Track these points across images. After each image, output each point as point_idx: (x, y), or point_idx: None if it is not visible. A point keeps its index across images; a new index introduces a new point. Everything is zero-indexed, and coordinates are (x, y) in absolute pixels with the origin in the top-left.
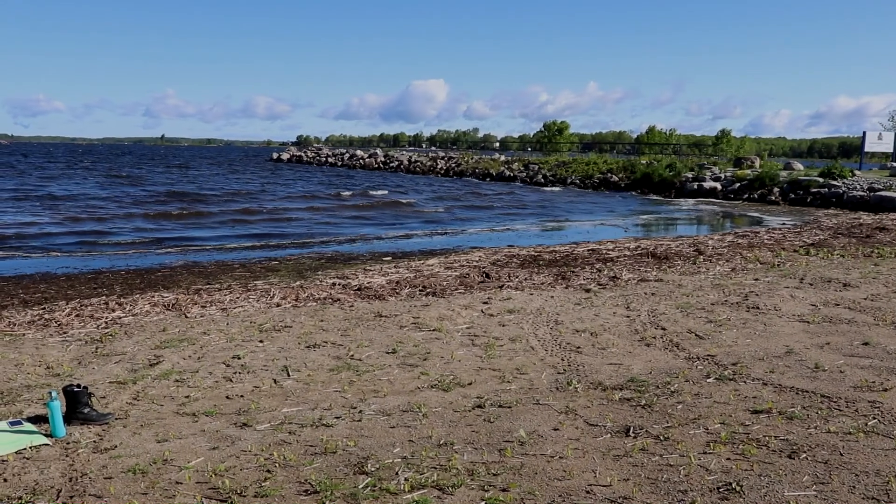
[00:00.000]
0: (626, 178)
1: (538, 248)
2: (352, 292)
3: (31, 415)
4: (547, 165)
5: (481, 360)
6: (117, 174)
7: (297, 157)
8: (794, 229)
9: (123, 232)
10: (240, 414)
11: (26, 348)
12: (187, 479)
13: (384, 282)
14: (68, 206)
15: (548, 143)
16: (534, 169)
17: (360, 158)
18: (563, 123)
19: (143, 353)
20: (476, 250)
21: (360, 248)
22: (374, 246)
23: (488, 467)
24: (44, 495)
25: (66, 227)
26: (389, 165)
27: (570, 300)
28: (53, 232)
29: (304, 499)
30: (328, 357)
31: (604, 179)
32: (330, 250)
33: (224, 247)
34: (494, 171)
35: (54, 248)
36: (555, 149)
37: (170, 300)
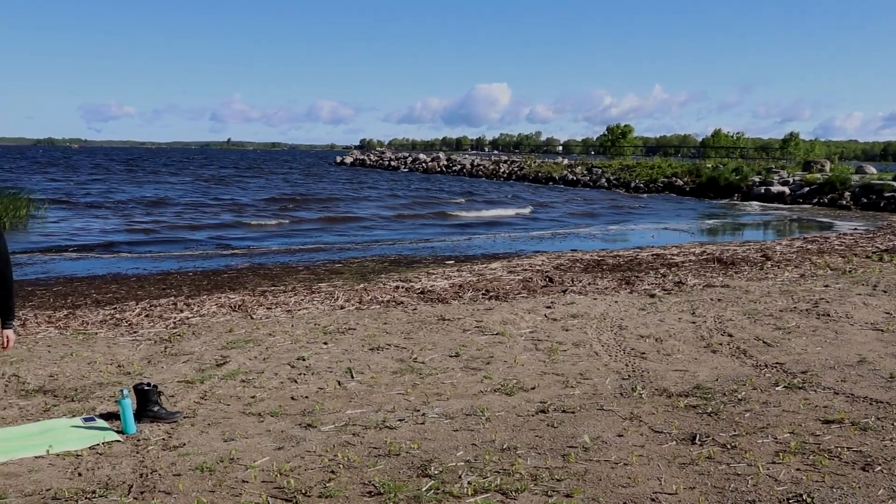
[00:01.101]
0: (691, 182)
1: (601, 253)
2: (415, 295)
3: (103, 412)
4: (610, 169)
5: (545, 365)
6: (221, 180)
7: (360, 161)
8: (867, 234)
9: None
10: (304, 415)
11: (99, 347)
12: (253, 478)
13: (447, 285)
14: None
15: (611, 147)
16: (597, 173)
17: (422, 162)
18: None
19: (210, 354)
20: (539, 254)
21: (422, 251)
22: (437, 249)
23: (552, 472)
24: (116, 490)
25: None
26: (452, 169)
27: (635, 305)
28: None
29: (367, 500)
30: (392, 359)
31: (668, 183)
32: (393, 253)
33: (290, 248)
34: (557, 175)
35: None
36: (618, 152)
37: (236, 301)
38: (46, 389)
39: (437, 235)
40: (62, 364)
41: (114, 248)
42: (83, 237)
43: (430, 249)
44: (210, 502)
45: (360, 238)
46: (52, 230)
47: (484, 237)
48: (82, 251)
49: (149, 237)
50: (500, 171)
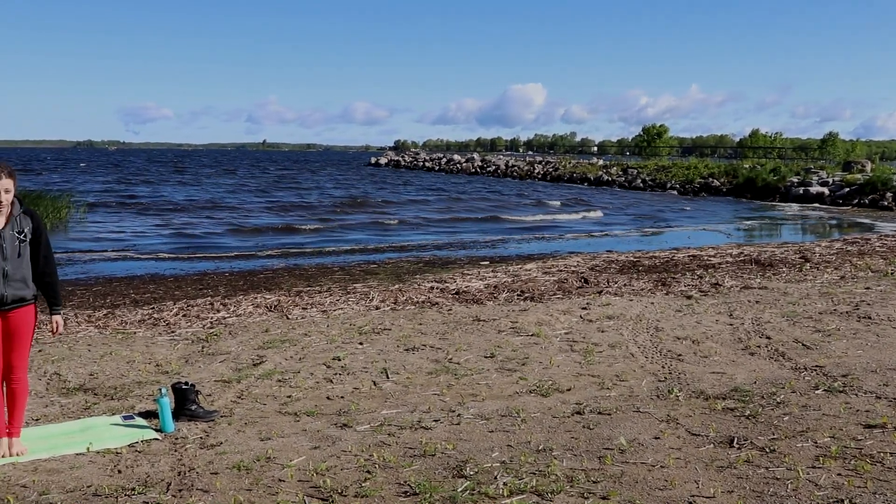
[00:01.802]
0: (728, 182)
1: (637, 254)
2: (450, 296)
3: (142, 410)
4: (646, 170)
5: (580, 366)
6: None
7: (395, 162)
8: None
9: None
10: (340, 414)
11: (137, 346)
12: (289, 477)
13: (482, 286)
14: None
15: (647, 147)
16: (632, 173)
17: (457, 163)
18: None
19: (246, 353)
20: (574, 255)
21: (457, 252)
22: (472, 250)
23: (588, 474)
24: (154, 487)
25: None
26: (486, 169)
27: (671, 307)
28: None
29: (403, 500)
30: (427, 360)
31: (704, 184)
32: (427, 254)
33: (324, 250)
34: (592, 176)
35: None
36: (654, 153)
37: (272, 301)
38: (87, 388)
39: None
40: (102, 363)
41: (151, 249)
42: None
43: (464, 250)
44: (247, 501)
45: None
46: (91, 231)
47: (520, 238)
48: (121, 252)
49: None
50: (535, 172)
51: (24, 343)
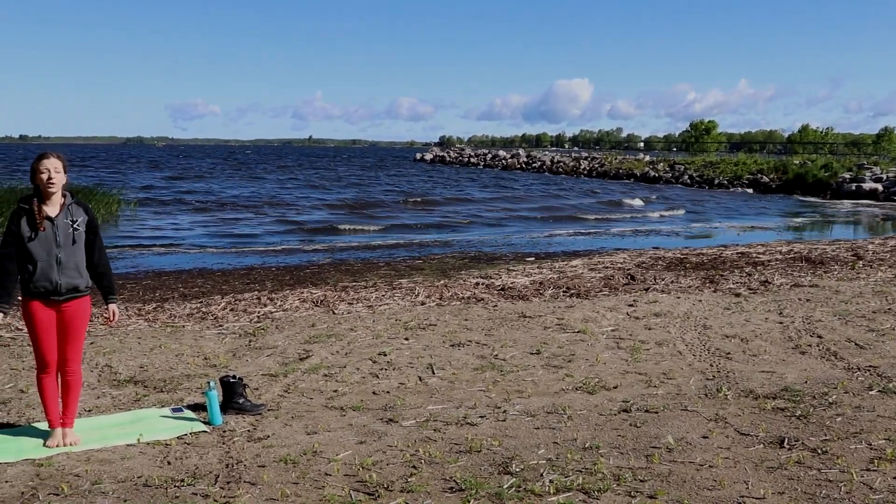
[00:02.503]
0: (778, 178)
1: (684, 251)
2: (495, 292)
3: (190, 403)
4: (693, 166)
5: (627, 364)
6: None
7: (440, 158)
8: None
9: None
10: (386, 410)
11: (186, 339)
12: (336, 471)
13: (527, 282)
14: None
15: (694, 143)
16: (679, 169)
17: (502, 159)
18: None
19: (293, 348)
20: (620, 252)
21: (502, 248)
22: (517, 246)
23: (635, 473)
24: (203, 479)
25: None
26: (532, 166)
27: (719, 304)
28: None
29: (449, 496)
30: (472, 356)
31: (753, 180)
32: (473, 250)
33: (369, 245)
34: (638, 172)
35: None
36: (701, 149)
37: (318, 296)
38: (137, 380)
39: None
40: (151, 356)
41: (199, 244)
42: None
43: (510, 246)
44: (294, 494)
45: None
46: (141, 226)
47: (564, 234)
48: (169, 246)
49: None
50: (581, 168)
51: (78, 336)
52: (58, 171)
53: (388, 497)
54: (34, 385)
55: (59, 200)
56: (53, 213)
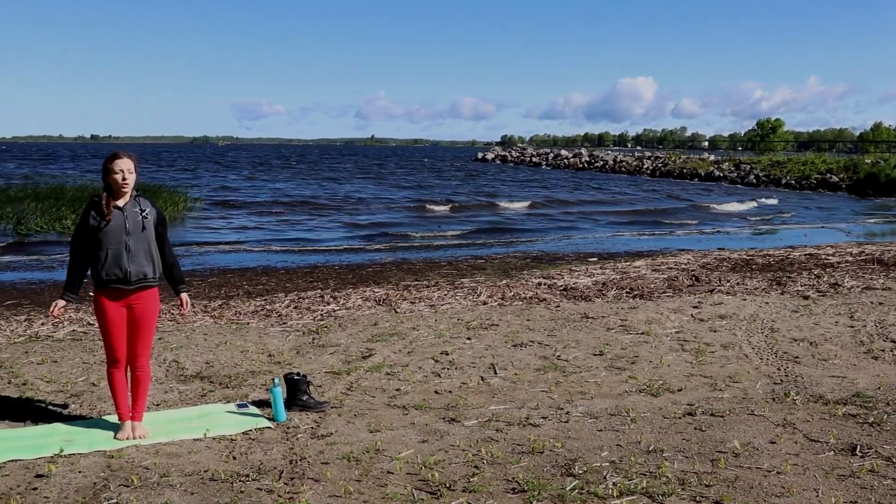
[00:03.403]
0: (848, 178)
1: (750, 252)
2: (558, 292)
3: (255, 399)
4: (759, 165)
5: (691, 366)
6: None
7: (502, 157)
8: None
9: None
10: (448, 409)
11: (251, 336)
12: (398, 469)
13: (590, 282)
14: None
15: (760, 142)
16: (745, 169)
17: (564, 158)
18: (777, 121)
19: (356, 346)
20: (684, 252)
21: (565, 247)
22: (580, 246)
23: (700, 477)
24: (267, 475)
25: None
26: (594, 165)
27: (787, 307)
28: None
29: (511, 497)
30: (535, 356)
31: (822, 180)
32: (535, 250)
33: (431, 245)
34: (703, 171)
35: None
36: (768, 148)
37: (381, 295)
38: (203, 375)
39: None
40: (217, 352)
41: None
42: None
43: (573, 246)
44: (357, 491)
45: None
46: (206, 224)
47: (628, 234)
48: (234, 244)
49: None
50: (644, 168)
51: (148, 332)
52: (130, 172)
53: (450, 497)
54: (105, 379)
55: (130, 194)
56: (122, 204)
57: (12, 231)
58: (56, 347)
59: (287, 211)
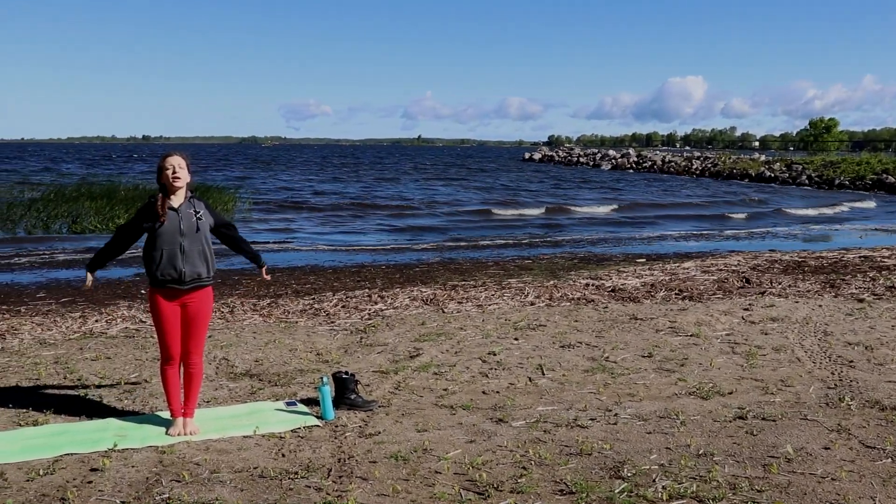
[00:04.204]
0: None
1: (802, 254)
2: (606, 293)
3: (303, 397)
4: (812, 166)
5: (742, 369)
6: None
7: (549, 158)
8: None
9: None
10: (496, 409)
11: (299, 335)
12: (446, 469)
13: (638, 284)
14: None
15: (813, 142)
16: (797, 169)
17: (611, 158)
18: (831, 120)
19: (403, 345)
20: (734, 254)
21: (612, 248)
22: (628, 247)
23: (752, 482)
24: (316, 473)
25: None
26: (642, 165)
27: (841, 310)
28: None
29: (559, 498)
30: (583, 358)
31: (878, 180)
32: (582, 250)
33: (478, 244)
34: (753, 172)
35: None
36: (821, 148)
37: (428, 295)
38: (252, 373)
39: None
40: (266, 350)
41: (311, 241)
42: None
43: (620, 247)
44: (405, 491)
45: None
46: (256, 224)
47: (676, 235)
48: (282, 243)
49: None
50: (693, 168)
51: (201, 330)
52: (181, 168)
53: (497, 497)
54: (157, 375)
55: (184, 195)
56: (177, 205)
57: (68, 230)
58: (109, 344)
59: (336, 210)
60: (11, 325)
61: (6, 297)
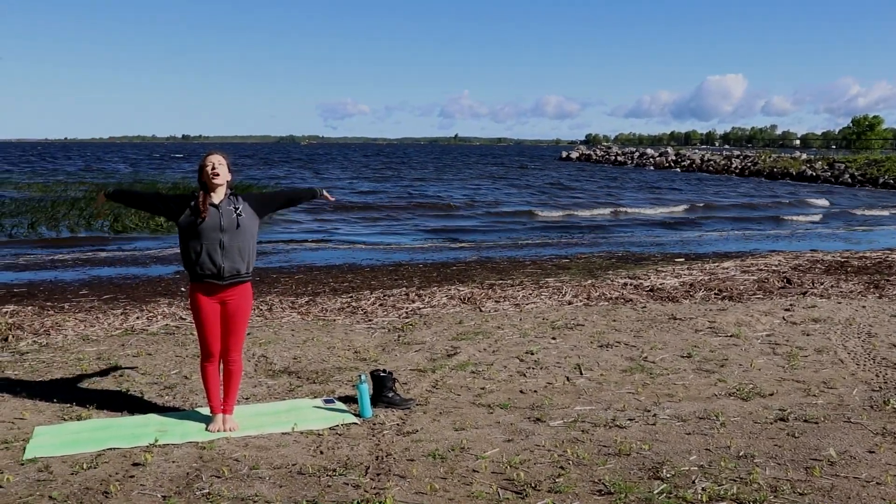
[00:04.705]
0: None
1: (845, 254)
2: (644, 293)
3: (341, 395)
4: (855, 164)
5: (783, 371)
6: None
7: (586, 156)
8: None
9: None
10: (533, 409)
11: (337, 333)
12: (483, 468)
13: (677, 283)
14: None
15: (856, 140)
16: (839, 168)
17: (650, 157)
18: (875, 118)
19: (441, 344)
20: (774, 254)
21: (650, 248)
22: (665, 247)
23: (794, 485)
24: (354, 470)
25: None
26: (681, 164)
27: (885, 311)
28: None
29: (597, 499)
30: (621, 357)
31: None
32: (620, 250)
33: (516, 243)
34: (794, 170)
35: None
36: (864, 146)
37: (465, 294)
38: (291, 371)
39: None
40: (304, 348)
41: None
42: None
43: (657, 247)
44: (442, 489)
45: None
46: (292, 222)
47: (715, 234)
48: (320, 241)
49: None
50: (732, 167)
51: (240, 327)
52: (221, 165)
53: (535, 497)
54: (197, 372)
55: (224, 192)
56: (217, 202)
57: (109, 228)
58: (150, 341)
59: (373, 209)
60: (56, 322)
61: (50, 293)
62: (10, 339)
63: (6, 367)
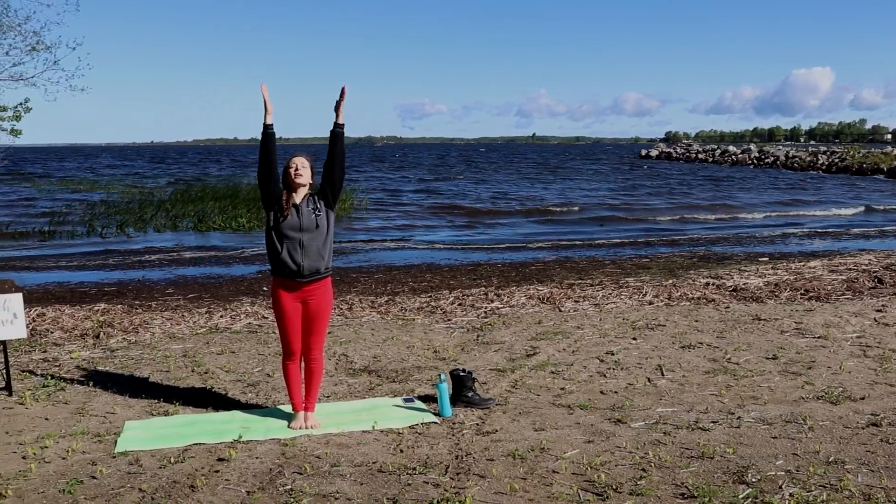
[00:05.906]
0: None
1: None
2: (727, 293)
3: (421, 394)
4: None
5: (875, 374)
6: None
7: (666, 154)
8: None
9: None
10: (614, 410)
11: (416, 332)
12: (563, 469)
13: (761, 283)
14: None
15: None
16: None
17: (732, 154)
18: None
19: (520, 344)
20: (864, 253)
21: (733, 247)
22: (748, 247)
23: (888, 493)
24: (434, 469)
25: None
26: (764, 161)
27: None
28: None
29: (680, 502)
30: (703, 358)
31: None
32: (701, 249)
33: (594, 242)
34: (885, 166)
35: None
36: None
37: (544, 293)
38: (370, 370)
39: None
40: (384, 347)
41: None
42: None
43: (741, 247)
44: (522, 490)
45: None
46: (372, 222)
47: (800, 233)
48: (398, 241)
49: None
50: (818, 164)
51: (321, 326)
52: (304, 167)
53: (616, 499)
54: (279, 370)
55: (305, 193)
56: (298, 202)
57: (193, 228)
58: (234, 339)
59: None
60: (143, 320)
61: (138, 292)
62: (102, 336)
63: (98, 364)
